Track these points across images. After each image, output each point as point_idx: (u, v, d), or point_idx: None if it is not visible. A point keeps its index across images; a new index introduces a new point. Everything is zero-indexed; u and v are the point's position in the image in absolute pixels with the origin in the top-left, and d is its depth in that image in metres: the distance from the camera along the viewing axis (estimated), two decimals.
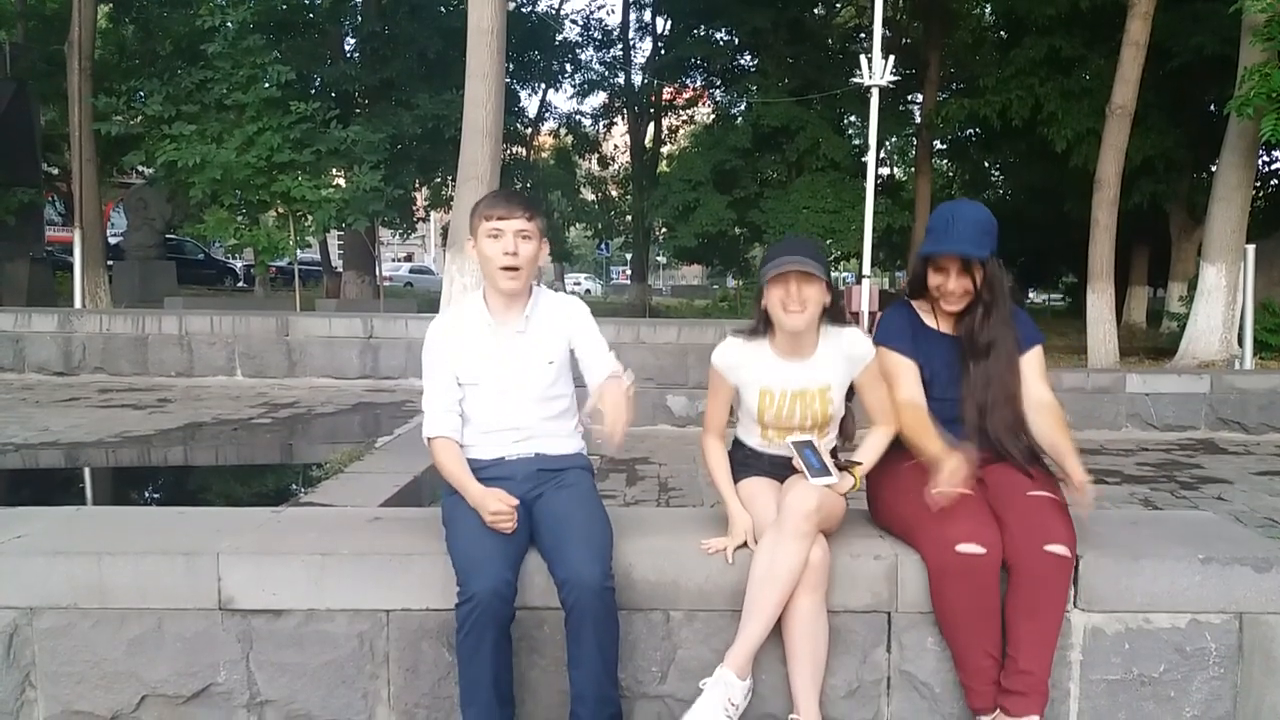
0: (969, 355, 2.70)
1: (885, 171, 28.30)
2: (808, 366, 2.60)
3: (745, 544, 2.52)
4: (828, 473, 2.49)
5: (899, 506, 2.61)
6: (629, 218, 27.50)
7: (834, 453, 2.67)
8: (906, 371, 2.70)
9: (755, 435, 2.71)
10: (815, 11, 23.00)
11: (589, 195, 28.99)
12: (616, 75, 26.34)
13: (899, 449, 2.70)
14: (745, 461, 2.72)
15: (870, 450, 2.65)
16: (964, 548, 2.36)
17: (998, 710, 2.40)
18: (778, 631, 2.43)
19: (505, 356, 2.63)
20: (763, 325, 2.61)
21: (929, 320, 2.78)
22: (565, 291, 4.22)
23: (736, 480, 2.69)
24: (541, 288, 2.74)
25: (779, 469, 2.63)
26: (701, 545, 2.55)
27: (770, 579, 2.36)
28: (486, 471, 2.57)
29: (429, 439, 2.62)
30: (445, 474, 2.58)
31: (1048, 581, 2.38)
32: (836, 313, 2.60)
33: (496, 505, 2.41)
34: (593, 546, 2.38)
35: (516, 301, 2.65)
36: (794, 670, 2.42)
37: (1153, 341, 14.13)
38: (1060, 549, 2.38)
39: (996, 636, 2.41)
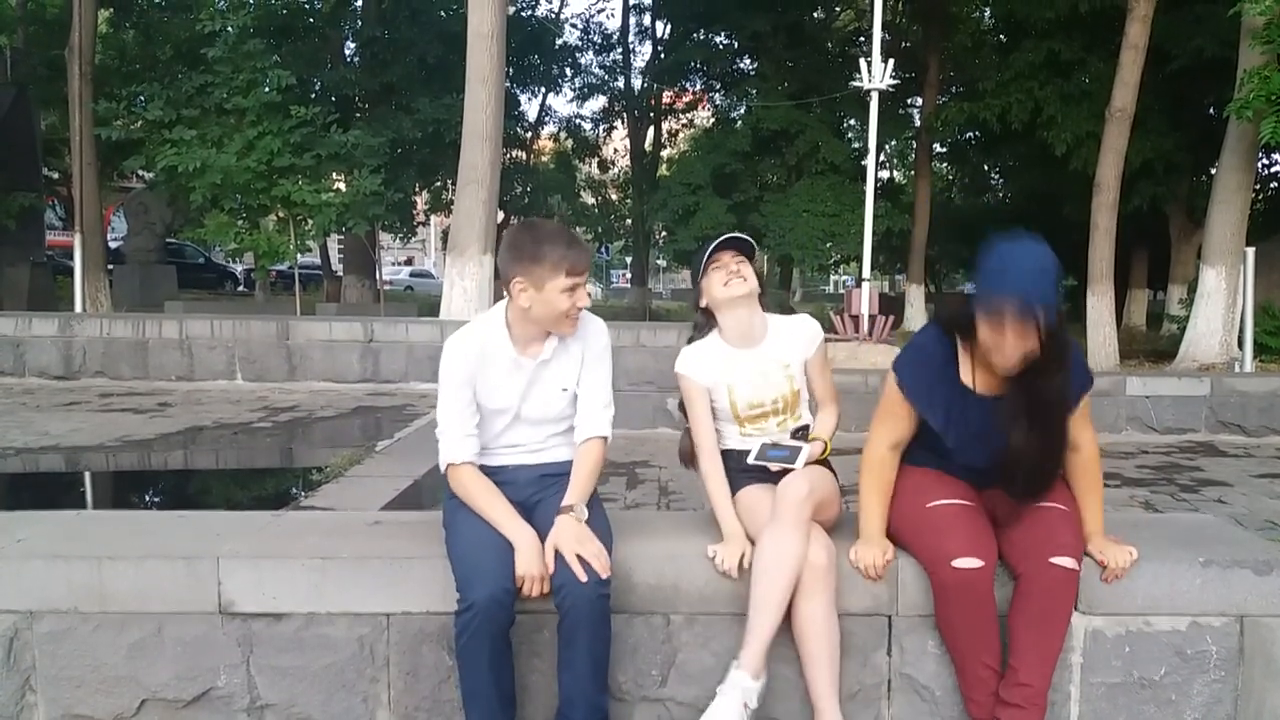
0: (1018, 412, 2.33)
1: (885, 175, 28.36)
2: (763, 350, 2.71)
3: (743, 556, 2.49)
4: (799, 448, 2.56)
5: (895, 519, 2.56)
6: (629, 221, 27.55)
7: (804, 430, 2.71)
8: (900, 421, 2.49)
9: (734, 434, 2.74)
10: (815, 15, 23.05)
11: (589, 199, 29.02)
12: (616, 79, 26.40)
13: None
14: (738, 468, 2.69)
15: (824, 429, 2.73)
16: (960, 563, 2.33)
17: None
18: (785, 631, 2.42)
19: (526, 385, 2.56)
20: (707, 323, 2.75)
21: (965, 373, 2.42)
22: None
23: (734, 490, 2.66)
24: None
25: (770, 470, 2.62)
26: (708, 553, 2.53)
27: (773, 572, 2.36)
28: (489, 478, 2.55)
29: (450, 465, 2.51)
30: (475, 506, 2.47)
31: (1052, 594, 2.35)
32: (763, 295, 2.74)
33: (533, 588, 2.35)
34: None
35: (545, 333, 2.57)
36: (812, 676, 2.40)
37: (1153, 344, 14.14)
38: (1067, 561, 2.35)
39: (995, 647, 2.40)
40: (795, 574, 2.36)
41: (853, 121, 20.95)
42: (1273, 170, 19.51)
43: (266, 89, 12.63)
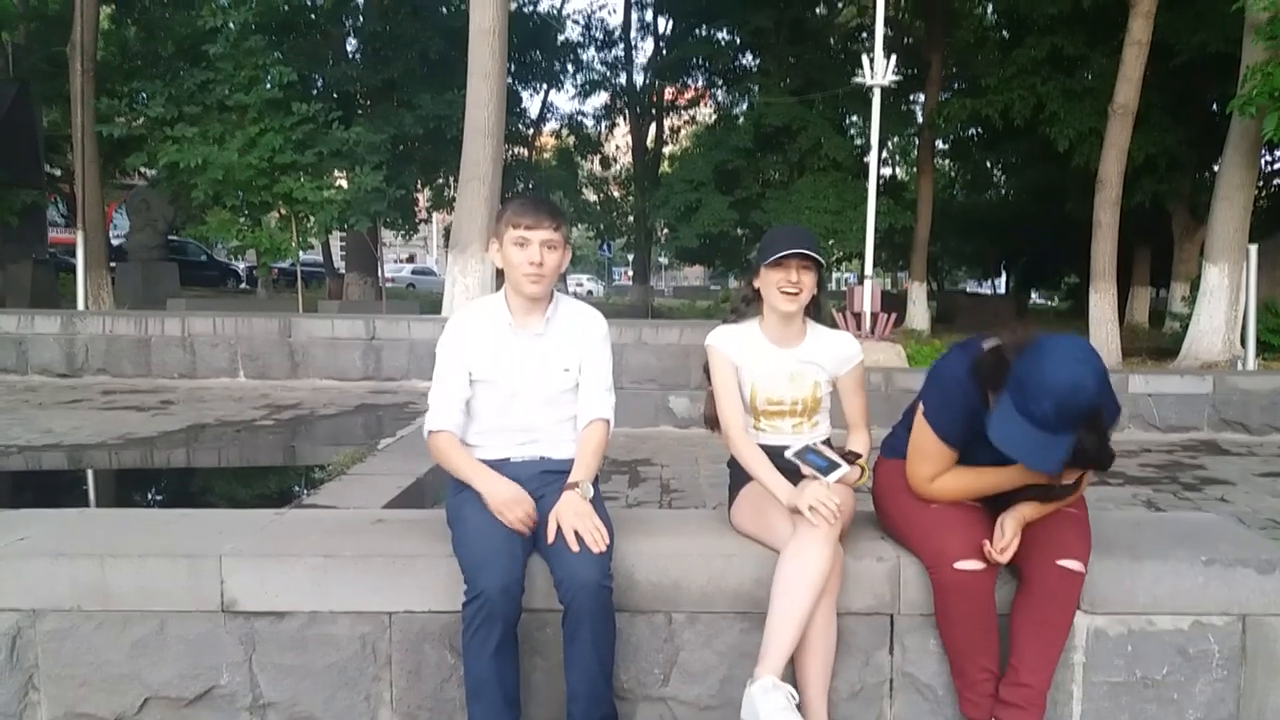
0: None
1: (887, 171, 28.28)
2: (797, 353, 2.69)
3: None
4: (837, 465, 2.49)
5: (898, 516, 2.58)
6: (631, 218, 27.53)
7: (828, 444, 2.66)
8: (937, 459, 2.45)
9: (748, 425, 2.71)
10: (817, 11, 23.00)
11: (591, 196, 28.96)
12: (618, 75, 26.40)
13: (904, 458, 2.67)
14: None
15: (859, 447, 2.68)
16: (963, 565, 2.34)
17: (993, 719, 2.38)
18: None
19: (522, 358, 2.63)
20: (749, 305, 2.73)
21: None
22: (567, 292, 4.23)
23: (740, 485, 2.67)
24: (563, 294, 2.75)
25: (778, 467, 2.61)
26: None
27: (802, 583, 2.32)
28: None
29: (430, 432, 2.58)
30: (450, 467, 2.56)
31: (1057, 597, 2.36)
32: (816, 308, 2.72)
33: (516, 513, 2.41)
34: None
35: (538, 305, 2.65)
36: (804, 672, 2.39)
37: (1155, 342, 14.12)
38: (1074, 564, 2.36)
39: (994, 650, 2.39)
40: (822, 589, 2.33)
41: (855, 118, 20.92)
42: (1276, 167, 19.46)
43: (268, 85, 12.63)
